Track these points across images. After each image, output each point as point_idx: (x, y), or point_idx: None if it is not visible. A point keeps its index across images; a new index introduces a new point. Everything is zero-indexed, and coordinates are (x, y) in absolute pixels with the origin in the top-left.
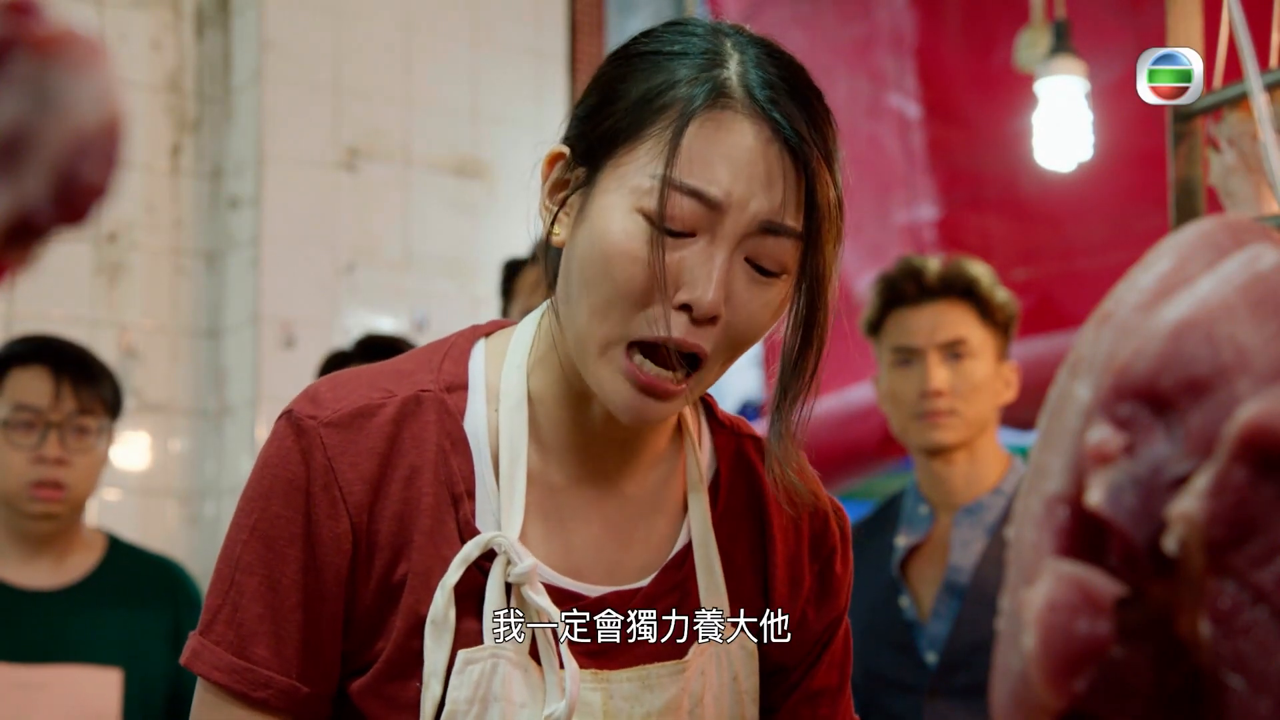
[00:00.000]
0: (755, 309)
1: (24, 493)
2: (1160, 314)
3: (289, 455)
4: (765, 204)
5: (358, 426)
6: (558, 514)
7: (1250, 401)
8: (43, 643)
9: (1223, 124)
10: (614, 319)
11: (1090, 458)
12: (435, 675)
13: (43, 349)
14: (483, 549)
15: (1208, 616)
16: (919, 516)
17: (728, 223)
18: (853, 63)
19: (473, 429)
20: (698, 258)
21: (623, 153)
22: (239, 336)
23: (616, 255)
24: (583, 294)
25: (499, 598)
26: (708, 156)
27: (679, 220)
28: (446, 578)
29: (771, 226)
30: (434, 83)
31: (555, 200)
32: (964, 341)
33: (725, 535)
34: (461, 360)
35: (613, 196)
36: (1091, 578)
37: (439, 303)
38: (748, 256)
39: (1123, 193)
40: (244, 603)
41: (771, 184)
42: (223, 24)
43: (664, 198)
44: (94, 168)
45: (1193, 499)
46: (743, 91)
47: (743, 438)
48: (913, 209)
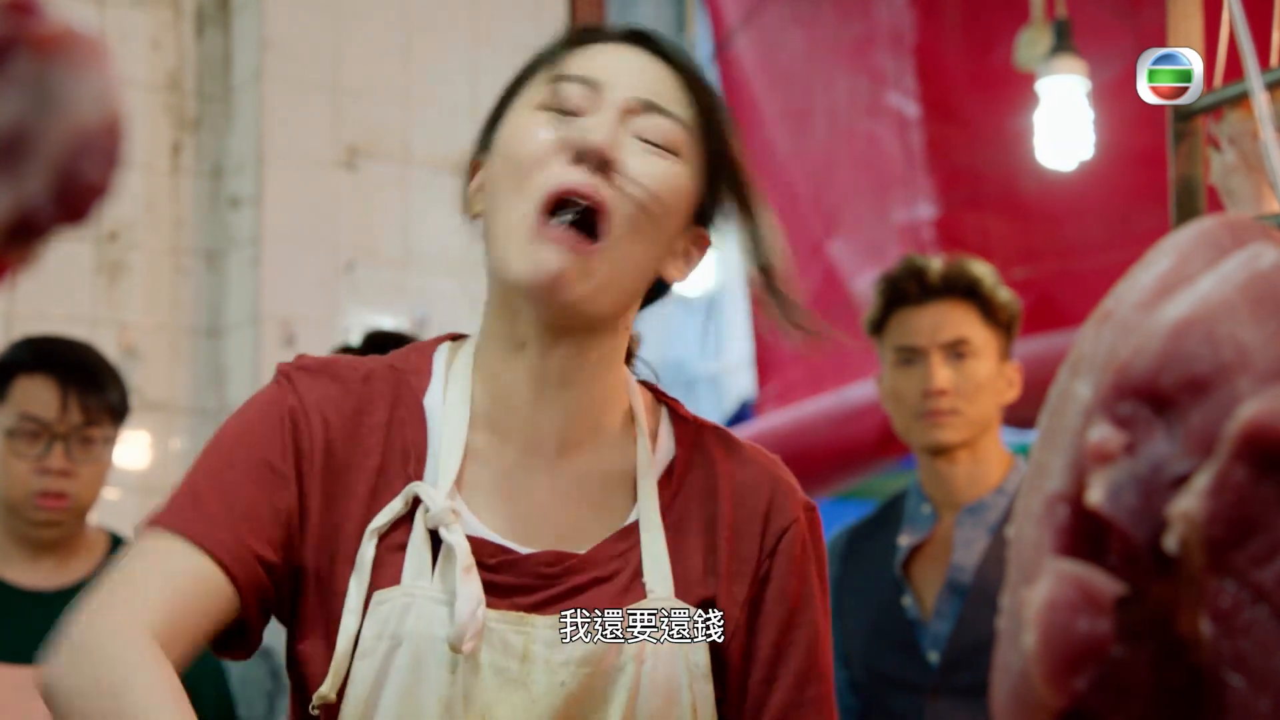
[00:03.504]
0: (651, 170)
1: (28, 502)
2: (1161, 313)
3: (267, 392)
4: (644, 84)
5: (328, 374)
6: (507, 489)
7: (1251, 400)
8: (45, 644)
9: (1223, 123)
10: (517, 195)
11: (1091, 456)
12: (353, 612)
13: (49, 355)
14: (408, 501)
15: (1208, 615)
16: (921, 516)
17: (607, 95)
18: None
19: (431, 406)
20: (587, 122)
21: (517, 100)
22: (239, 335)
23: (517, 142)
24: (494, 202)
25: (421, 541)
26: (589, 57)
27: (564, 103)
28: (373, 523)
29: (651, 104)
30: (434, 81)
31: (473, 187)
32: (966, 341)
33: (676, 517)
34: (426, 353)
35: (512, 119)
36: (1092, 577)
37: (439, 301)
38: (636, 134)
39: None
40: (199, 479)
41: (649, 74)
42: (223, 23)
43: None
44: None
45: (1193, 498)
46: (618, 31)
47: (704, 428)
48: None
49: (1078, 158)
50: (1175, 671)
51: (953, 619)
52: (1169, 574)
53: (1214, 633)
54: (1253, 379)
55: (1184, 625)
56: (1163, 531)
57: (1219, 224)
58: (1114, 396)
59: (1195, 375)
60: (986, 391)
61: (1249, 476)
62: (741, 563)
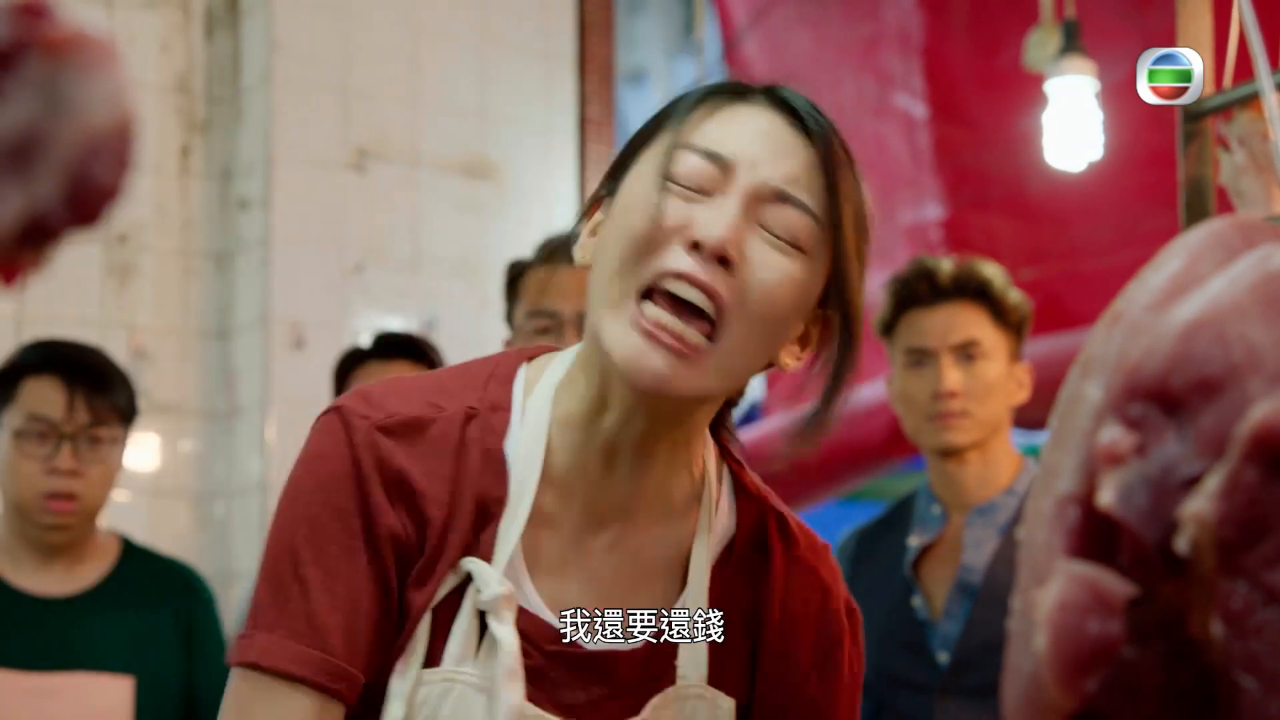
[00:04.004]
0: (773, 273)
1: (37, 504)
2: (1171, 314)
3: (340, 450)
4: (779, 170)
5: (410, 436)
6: (567, 558)
7: (1262, 401)
8: (55, 650)
9: (1233, 123)
10: (625, 270)
11: (1101, 458)
12: (398, 696)
13: (56, 357)
14: (460, 576)
15: (1219, 617)
16: (931, 516)
17: (738, 179)
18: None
19: (511, 452)
20: (709, 209)
21: (643, 152)
22: (249, 337)
23: (634, 212)
24: (601, 264)
25: (469, 623)
26: (723, 125)
27: (692, 178)
28: (431, 600)
29: (784, 195)
30: (443, 84)
31: (587, 230)
32: (977, 343)
33: (723, 603)
34: (506, 383)
35: (635, 182)
36: (1103, 578)
37: (448, 303)
38: (761, 223)
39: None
40: (312, 594)
41: (787, 154)
42: (232, 25)
43: (670, 156)
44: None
45: (1204, 499)
46: (765, 92)
47: (766, 510)
48: (919, 209)
49: (1086, 159)
50: (1186, 673)
51: (962, 619)
52: (1180, 575)
53: (1225, 634)
54: (1264, 380)
55: (1195, 627)
56: (1174, 533)
57: (1229, 225)
58: (1125, 398)
59: (1206, 376)
60: (997, 393)
61: (1260, 478)
62: (787, 669)
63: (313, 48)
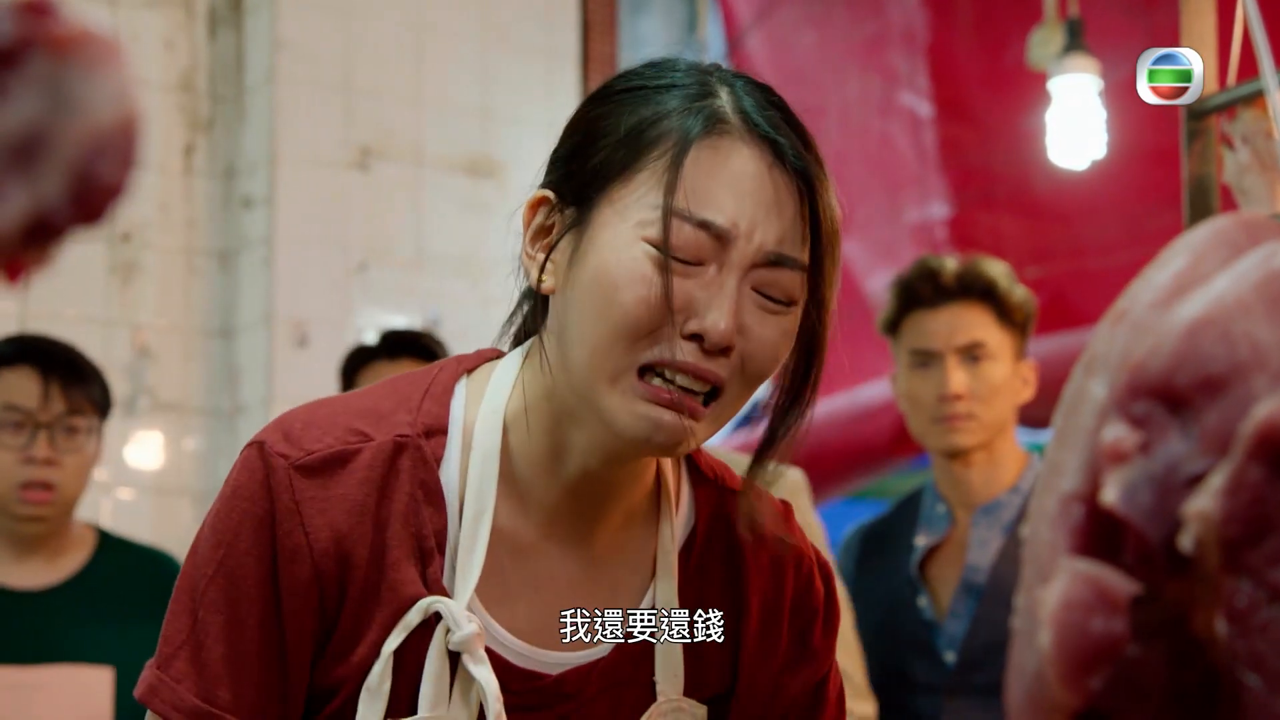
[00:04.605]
0: (769, 340)
1: (12, 495)
2: (1176, 312)
3: (257, 491)
4: (773, 233)
5: (329, 473)
6: (523, 572)
7: (1266, 399)
8: (34, 644)
9: (1237, 121)
10: (620, 349)
11: (1105, 456)
12: None
13: (30, 349)
14: (425, 614)
15: (1223, 615)
16: (937, 516)
17: (735, 252)
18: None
19: (448, 479)
20: (706, 288)
21: (617, 187)
22: (252, 336)
23: (624, 284)
24: (585, 331)
25: (439, 665)
26: (710, 185)
27: (685, 249)
28: (387, 643)
29: (779, 258)
30: (446, 82)
31: (540, 247)
32: (982, 344)
33: (694, 596)
34: (443, 400)
35: (613, 230)
36: (1107, 576)
37: (452, 302)
38: (755, 286)
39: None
40: (208, 642)
41: (778, 211)
42: (235, 24)
43: (668, 227)
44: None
45: (1208, 497)
46: (739, 117)
47: (725, 491)
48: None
49: (1090, 157)
50: (1190, 671)
51: (968, 619)
52: (1184, 573)
53: (1229, 632)
54: (1269, 378)
55: (1199, 625)
56: (1178, 531)
57: (1234, 222)
58: (1129, 396)
59: (1210, 374)
60: (1002, 394)
61: (1264, 475)
62: (769, 641)
63: (316, 46)
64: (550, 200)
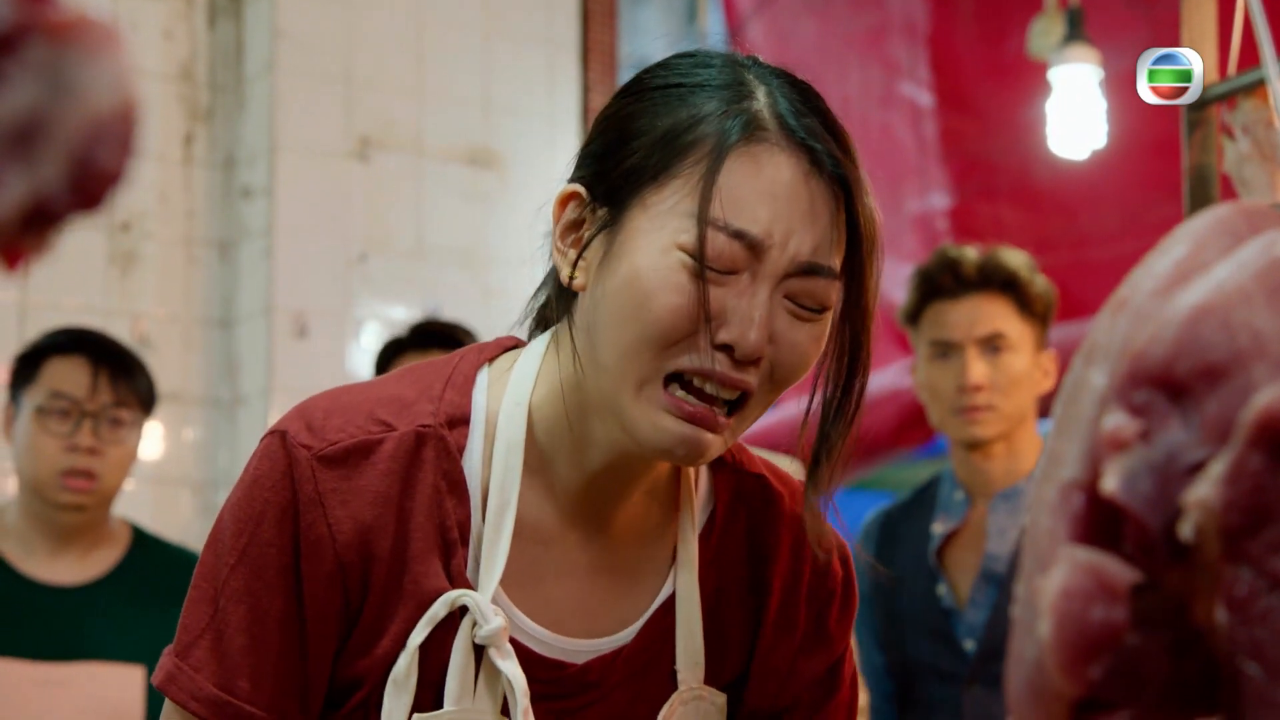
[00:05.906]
0: (799, 347)
1: (54, 481)
2: (1176, 300)
3: (280, 482)
4: (807, 242)
5: (352, 464)
6: (545, 561)
7: (1267, 388)
8: (66, 640)
9: (1237, 111)
10: (648, 356)
11: (1106, 444)
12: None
13: (82, 340)
14: (450, 607)
15: (1224, 603)
16: (954, 502)
17: (769, 263)
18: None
19: (471, 469)
20: (738, 297)
21: (651, 191)
22: (252, 326)
23: (656, 291)
24: (614, 333)
25: (464, 658)
26: (746, 194)
27: (719, 259)
28: (413, 636)
29: (813, 267)
30: (446, 72)
31: (569, 243)
32: (1003, 335)
33: (714, 582)
34: (465, 389)
35: (647, 236)
36: (1107, 565)
37: (451, 293)
38: (788, 294)
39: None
40: (229, 632)
41: (814, 220)
42: (235, 13)
43: (703, 237)
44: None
45: (1208, 485)
46: (776, 123)
47: (744, 475)
48: (925, 198)
49: (1091, 147)
50: (1190, 660)
51: (988, 608)
52: (1184, 562)
53: (1230, 621)
54: (1269, 366)
55: (1199, 613)
56: (1178, 519)
57: (1235, 211)
58: (1129, 384)
59: (1211, 363)
60: (1023, 385)
61: (1265, 464)
62: (787, 623)
63: (316, 36)
64: (581, 196)
